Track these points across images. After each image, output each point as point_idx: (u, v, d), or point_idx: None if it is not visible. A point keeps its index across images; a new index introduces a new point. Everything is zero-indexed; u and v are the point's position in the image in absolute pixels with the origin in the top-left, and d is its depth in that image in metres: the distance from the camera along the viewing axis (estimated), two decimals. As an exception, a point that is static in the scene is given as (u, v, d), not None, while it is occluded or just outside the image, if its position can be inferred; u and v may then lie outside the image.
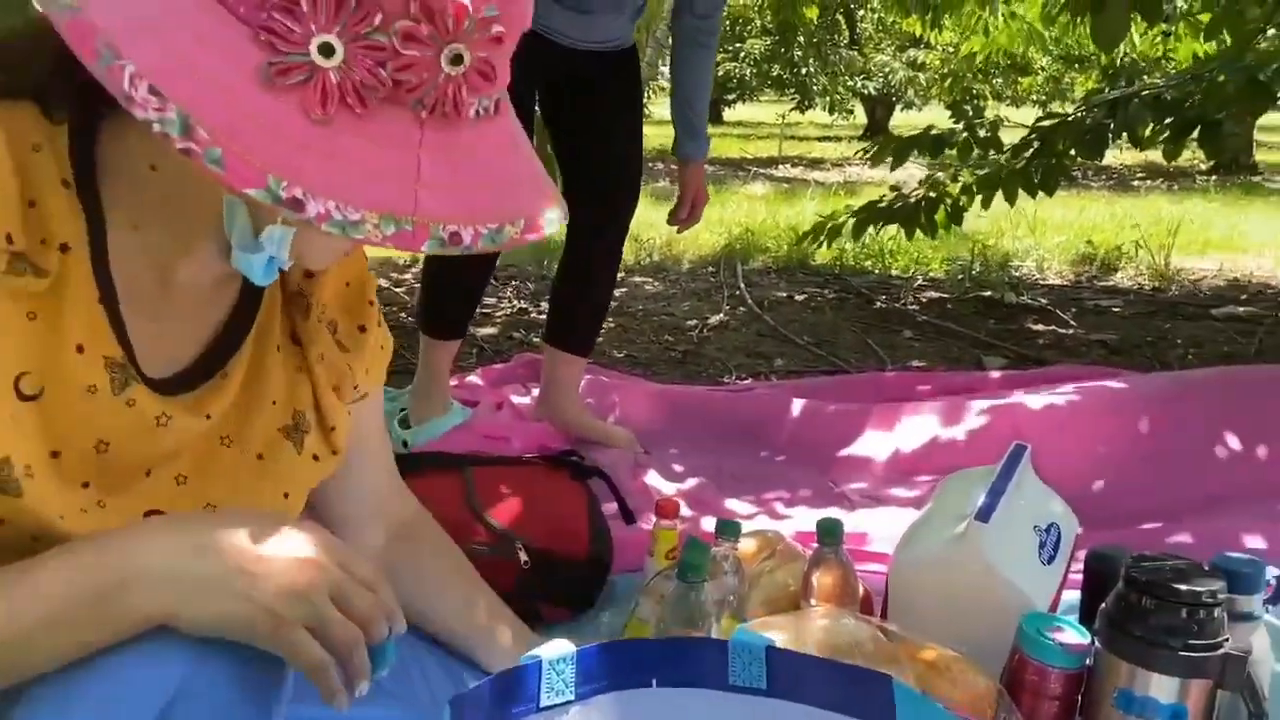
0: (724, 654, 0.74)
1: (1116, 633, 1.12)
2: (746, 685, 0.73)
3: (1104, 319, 3.65)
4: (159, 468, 0.80)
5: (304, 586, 0.67)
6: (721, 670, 0.74)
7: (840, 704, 0.70)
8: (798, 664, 0.73)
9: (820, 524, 1.38)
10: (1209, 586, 1.09)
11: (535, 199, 0.70)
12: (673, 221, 2.32)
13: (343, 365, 0.94)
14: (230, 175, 0.59)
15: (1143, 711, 1.10)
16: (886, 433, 2.32)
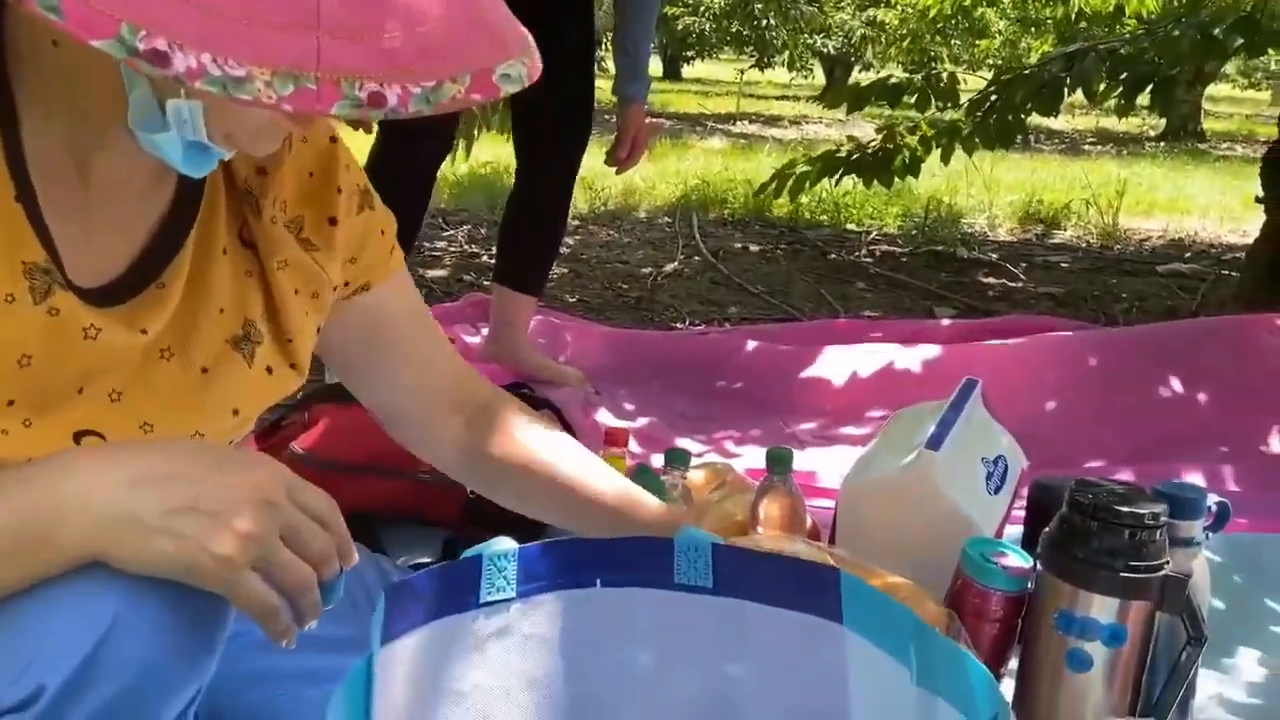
0: (669, 552, 0.72)
1: (1058, 554, 1.13)
2: (692, 584, 0.72)
3: (1052, 274, 3.70)
4: (91, 384, 0.74)
5: (252, 526, 0.61)
6: (667, 569, 0.72)
7: (787, 599, 0.69)
8: (744, 560, 0.72)
9: (770, 453, 1.37)
10: (1151, 509, 1.10)
11: (489, 48, 0.59)
12: (610, 161, 2.27)
13: (313, 267, 0.85)
14: (72, 22, 0.51)
15: (1082, 632, 1.11)
16: (837, 374, 2.33)
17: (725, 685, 0.71)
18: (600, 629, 0.72)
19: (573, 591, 0.72)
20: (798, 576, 0.69)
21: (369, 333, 0.96)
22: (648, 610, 0.72)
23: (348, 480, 1.43)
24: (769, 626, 0.69)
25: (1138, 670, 1.13)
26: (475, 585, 0.68)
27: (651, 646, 0.72)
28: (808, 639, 0.67)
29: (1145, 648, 1.12)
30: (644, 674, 0.72)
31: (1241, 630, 1.35)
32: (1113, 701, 1.12)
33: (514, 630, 0.71)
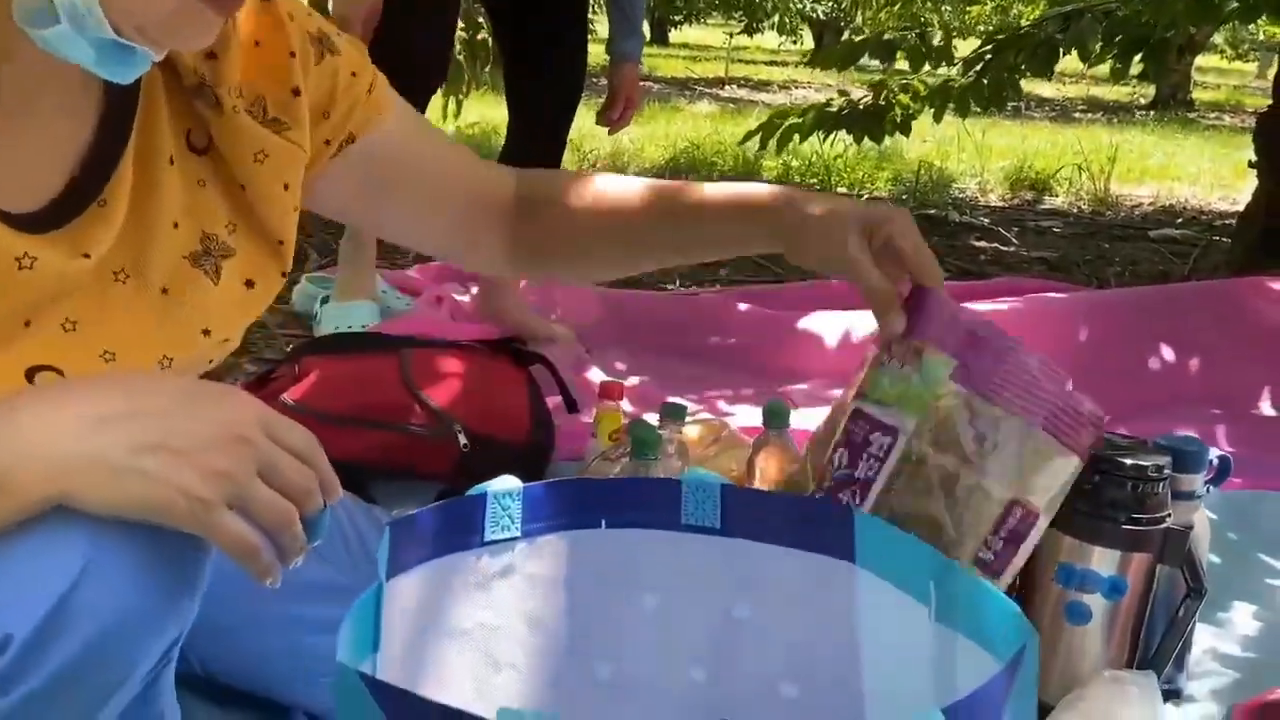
0: (677, 493, 0.71)
1: (1063, 507, 1.12)
2: (700, 524, 0.70)
3: (1044, 238, 3.69)
4: (39, 316, 0.69)
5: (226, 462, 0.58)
6: (674, 509, 0.71)
7: (798, 539, 0.68)
8: (753, 501, 0.70)
9: (768, 406, 1.36)
10: (1155, 461, 1.09)
11: None
12: (602, 121, 2.23)
13: (288, 149, 0.79)
14: None
15: (1083, 584, 1.11)
16: (829, 335, 2.31)
17: (732, 627, 0.70)
18: (605, 570, 0.70)
19: (578, 532, 0.71)
20: (809, 515, 0.67)
21: (373, 182, 0.88)
22: (654, 551, 0.70)
23: (338, 432, 1.41)
24: (777, 567, 0.68)
25: (1136, 622, 1.12)
26: (480, 523, 0.66)
27: (657, 588, 0.71)
28: (817, 578, 0.66)
29: (1145, 600, 1.12)
30: (650, 615, 0.71)
31: (1237, 585, 1.35)
32: (1111, 654, 1.12)
33: (518, 569, 0.70)
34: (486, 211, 0.95)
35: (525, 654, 0.69)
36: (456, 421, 1.42)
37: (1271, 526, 1.51)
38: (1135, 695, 1.04)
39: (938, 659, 0.58)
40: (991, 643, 0.54)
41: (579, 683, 0.72)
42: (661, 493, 0.71)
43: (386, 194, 0.91)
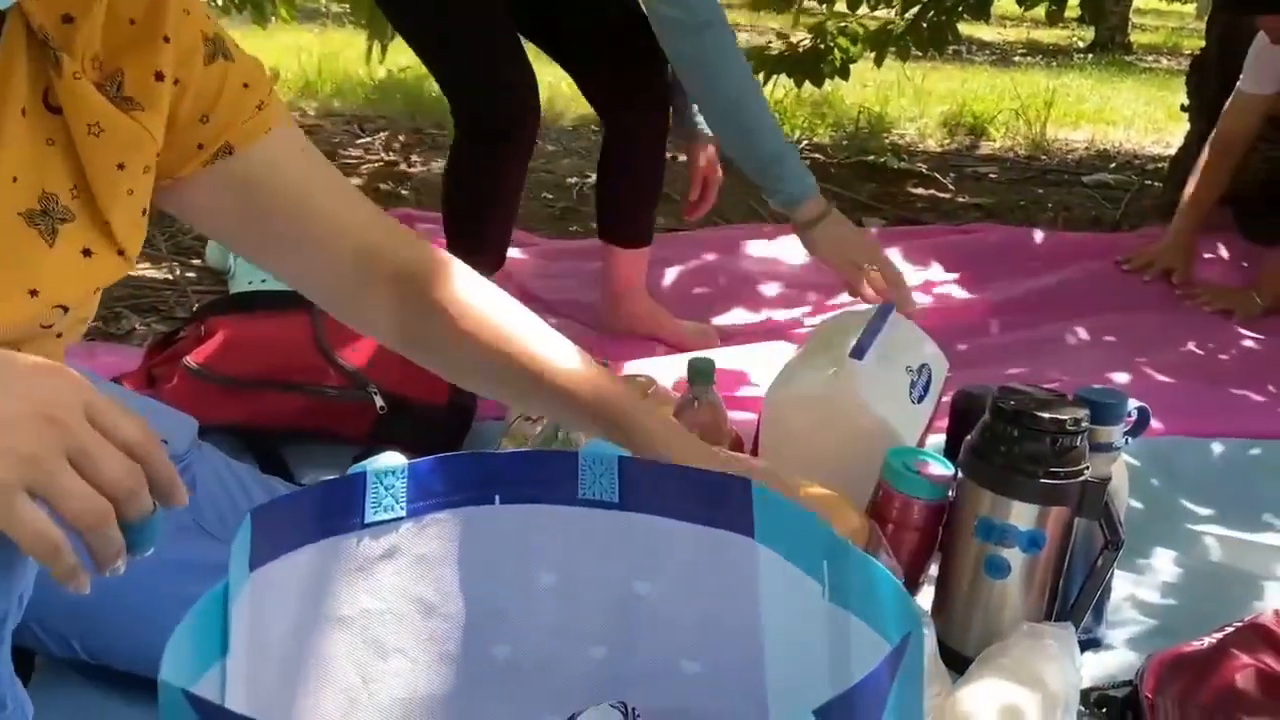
0: (573, 466, 0.67)
1: (979, 462, 1.12)
2: (597, 498, 0.67)
3: (981, 184, 3.69)
4: None
5: (30, 444, 0.52)
6: (571, 483, 0.68)
7: (697, 513, 0.65)
8: (652, 474, 0.67)
9: (691, 364, 1.33)
10: (1073, 415, 1.09)
11: None
12: (687, 213, 2.03)
13: (137, 131, 0.75)
14: None
15: (1001, 539, 1.11)
16: (767, 277, 2.30)
17: (633, 603, 0.67)
18: (500, 548, 0.67)
19: (469, 509, 0.67)
20: (708, 489, 0.65)
21: (251, 202, 0.84)
22: (550, 527, 0.67)
23: (247, 396, 1.35)
24: (678, 542, 0.65)
25: (1054, 575, 1.13)
26: (359, 504, 0.62)
27: (555, 565, 0.68)
28: (718, 554, 0.64)
29: (1063, 553, 1.12)
30: (547, 594, 0.68)
31: (1157, 531, 1.36)
32: (1030, 606, 1.12)
33: (404, 551, 0.66)
34: (376, 271, 0.88)
35: (415, 639, 0.66)
36: (372, 383, 1.37)
37: (1193, 472, 1.53)
38: (1053, 648, 1.05)
39: (833, 639, 0.56)
40: (883, 625, 0.52)
41: (475, 665, 0.69)
42: (557, 466, 0.68)
43: (266, 222, 0.85)
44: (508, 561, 0.67)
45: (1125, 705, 1.06)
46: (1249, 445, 1.57)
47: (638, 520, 0.66)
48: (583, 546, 0.67)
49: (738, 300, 2.21)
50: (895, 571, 1.16)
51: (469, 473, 0.67)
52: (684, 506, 0.65)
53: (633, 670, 0.68)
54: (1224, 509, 1.45)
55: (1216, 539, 1.36)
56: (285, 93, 4.39)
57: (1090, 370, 1.91)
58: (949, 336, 2.09)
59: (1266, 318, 2.15)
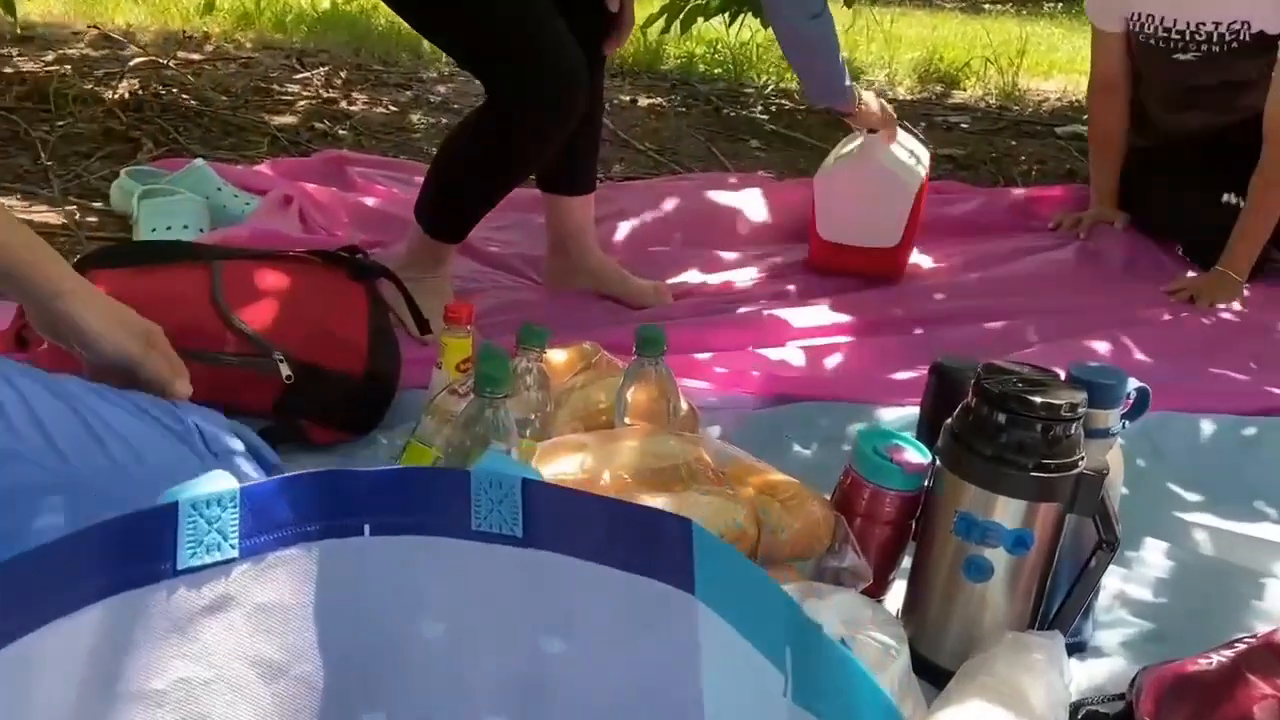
0: (464, 488, 0.53)
1: (961, 450, 0.98)
2: (495, 530, 0.53)
3: (951, 135, 3.54)
4: None
5: None
6: (462, 510, 0.53)
7: (621, 555, 0.50)
8: (564, 502, 0.53)
9: (640, 332, 1.18)
10: (1069, 399, 0.95)
11: None
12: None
13: None
14: None
15: (984, 538, 0.98)
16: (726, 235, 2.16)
17: (542, 665, 0.53)
18: (370, 592, 0.53)
19: (329, 542, 0.52)
20: (634, 525, 0.50)
21: None
22: (437, 566, 0.53)
23: (131, 363, 1.18)
24: (597, 589, 0.51)
25: (1041, 578, 1.00)
26: (168, 545, 0.47)
27: (443, 613, 0.53)
28: (648, 609, 0.49)
29: (1051, 553, 0.99)
30: (433, 649, 0.53)
31: (1146, 520, 1.25)
32: (1013, 613, 1.00)
33: (239, 601, 0.51)
34: None
35: (255, 712, 0.51)
36: (278, 349, 1.21)
37: (1180, 453, 1.41)
38: (1040, 663, 0.93)
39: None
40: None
41: None
42: (445, 488, 0.53)
43: None
44: (381, 609, 0.52)
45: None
46: (1241, 424, 1.46)
47: (546, 560, 0.52)
48: (478, 591, 0.52)
49: (695, 260, 2.06)
50: (864, 571, 1.03)
51: (327, 496, 0.52)
52: (604, 545, 0.51)
53: None
54: (1215, 494, 1.34)
55: (1209, 530, 1.25)
56: (221, 24, 4.12)
57: (1071, 332, 1.79)
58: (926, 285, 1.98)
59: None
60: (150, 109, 2.73)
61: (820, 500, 1.07)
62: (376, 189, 2.23)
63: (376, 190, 2.22)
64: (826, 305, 1.87)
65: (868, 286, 1.97)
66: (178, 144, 2.50)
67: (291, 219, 1.92)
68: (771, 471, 1.10)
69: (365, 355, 1.27)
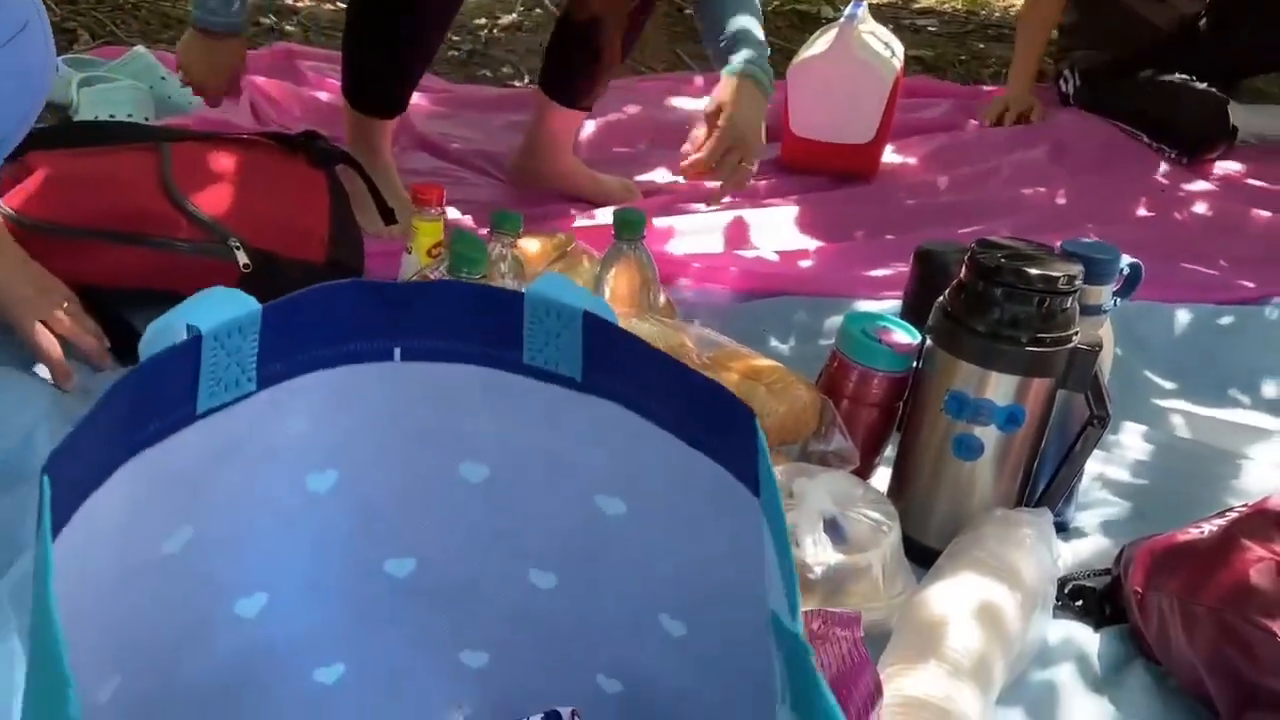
0: (516, 314, 0.46)
1: (954, 327, 0.96)
2: (551, 369, 0.47)
3: (920, 37, 3.48)
4: None
5: None
6: (512, 340, 0.47)
7: (689, 427, 0.44)
8: (634, 351, 0.45)
9: (618, 214, 1.14)
10: (1066, 271, 0.93)
11: None
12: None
13: None
14: None
15: (975, 415, 0.96)
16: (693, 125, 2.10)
17: (596, 525, 0.48)
18: (401, 427, 0.47)
19: (353, 368, 0.47)
20: (705, 397, 0.43)
21: None
22: (480, 401, 0.47)
23: (78, 248, 1.11)
24: (665, 456, 0.45)
25: (1030, 456, 0.99)
26: (190, 384, 0.42)
27: (486, 455, 0.48)
28: (715, 493, 0.43)
29: (1042, 430, 0.98)
30: (474, 497, 0.49)
31: (1125, 405, 1.24)
32: (1000, 491, 0.99)
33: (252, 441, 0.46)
34: None
35: (278, 558, 0.47)
36: (233, 235, 1.14)
37: (1159, 341, 1.41)
38: (1029, 538, 0.92)
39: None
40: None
41: (362, 587, 0.50)
42: (494, 311, 0.46)
43: None
44: (413, 445, 0.47)
45: (1103, 597, 0.95)
46: (1216, 313, 1.46)
47: (609, 411, 0.46)
48: (528, 435, 0.47)
49: (663, 159, 2.00)
50: (851, 454, 1.02)
51: (354, 314, 0.46)
52: (672, 410, 0.44)
53: (589, 614, 0.50)
54: (1190, 381, 1.34)
55: (1185, 415, 1.26)
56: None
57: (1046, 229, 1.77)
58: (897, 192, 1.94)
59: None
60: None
61: (806, 384, 1.04)
62: (329, 83, 2.12)
63: (329, 85, 2.12)
64: (800, 205, 1.83)
65: (842, 185, 1.93)
66: (115, 36, 2.36)
67: (242, 112, 1.82)
68: (756, 357, 1.07)
69: (327, 243, 1.21)
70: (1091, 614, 0.94)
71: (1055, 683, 0.85)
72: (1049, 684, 0.85)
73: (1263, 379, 1.35)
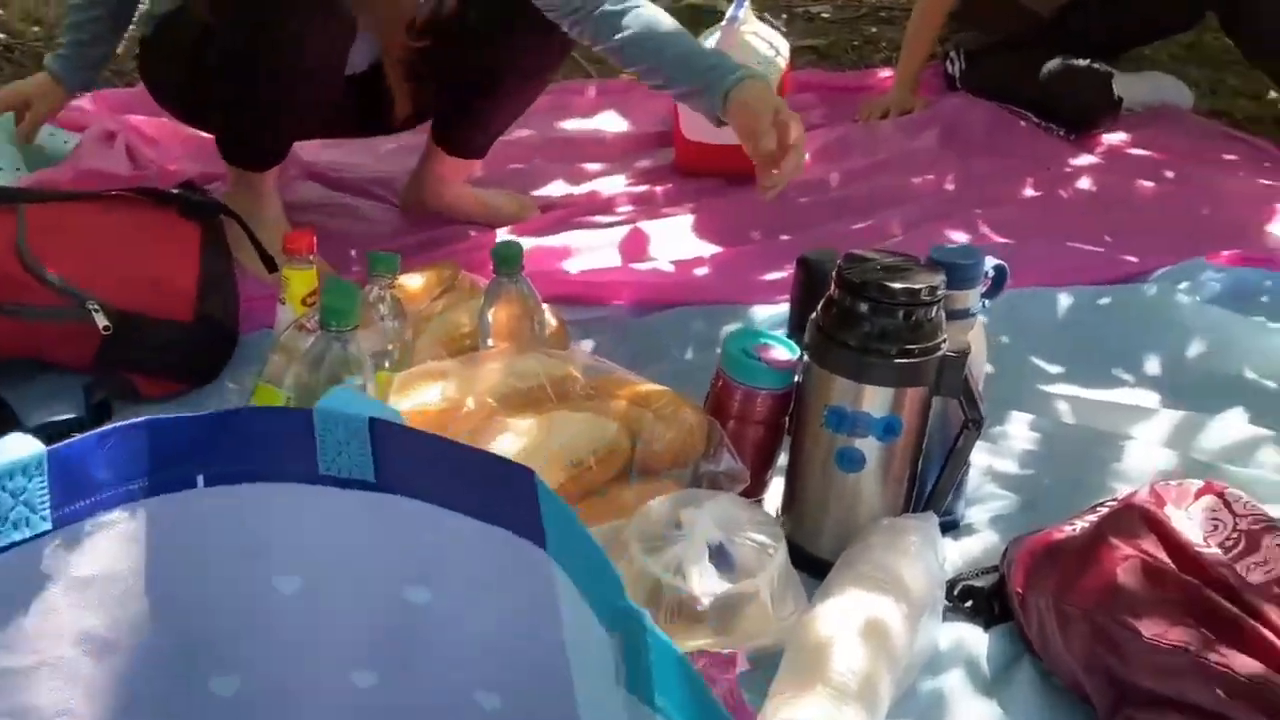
0: (307, 428, 0.48)
1: (826, 343, 0.98)
2: (345, 475, 0.48)
3: (813, 25, 3.51)
4: None
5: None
6: (306, 453, 0.49)
7: (474, 502, 0.47)
8: (417, 444, 0.48)
9: (495, 250, 1.13)
10: (928, 282, 0.95)
11: None
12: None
13: None
14: None
15: (854, 429, 0.98)
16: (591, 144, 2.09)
17: (407, 616, 0.49)
18: (212, 548, 0.48)
19: (157, 499, 0.47)
20: (485, 474, 0.46)
21: None
22: (284, 515, 0.48)
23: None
24: (456, 538, 0.47)
25: (913, 463, 1.01)
26: None
27: (296, 567, 0.49)
28: (506, 560, 0.46)
29: (920, 437, 1.00)
30: (289, 607, 0.49)
31: (1011, 395, 1.27)
32: (887, 499, 1.01)
33: (55, 578, 0.46)
34: None
35: (88, 692, 0.47)
36: (92, 297, 1.11)
37: (1042, 327, 1.44)
38: (915, 545, 0.94)
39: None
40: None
41: (188, 708, 0.50)
42: (285, 429, 0.48)
43: None
44: (227, 565, 0.48)
45: (991, 596, 0.97)
46: (1098, 294, 1.50)
47: (403, 505, 0.48)
48: (332, 540, 0.48)
49: (559, 172, 2.00)
50: (740, 474, 1.02)
51: (150, 448, 0.46)
52: (457, 491, 0.47)
53: (413, 702, 0.51)
54: (1076, 364, 1.37)
55: (1070, 400, 1.29)
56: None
57: (934, 217, 1.81)
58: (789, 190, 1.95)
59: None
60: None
61: (693, 407, 1.05)
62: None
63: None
64: (696, 211, 1.84)
65: (735, 187, 1.94)
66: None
67: (118, 156, 1.77)
68: (643, 382, 1.08)
69: (195, 299, 1.18)
70: (981, 613, 0.96)
71: (944, 690, 0.87)
72: (938, 692, 0.87)
73: (1144, 356, 1.39)
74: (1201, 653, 0.71)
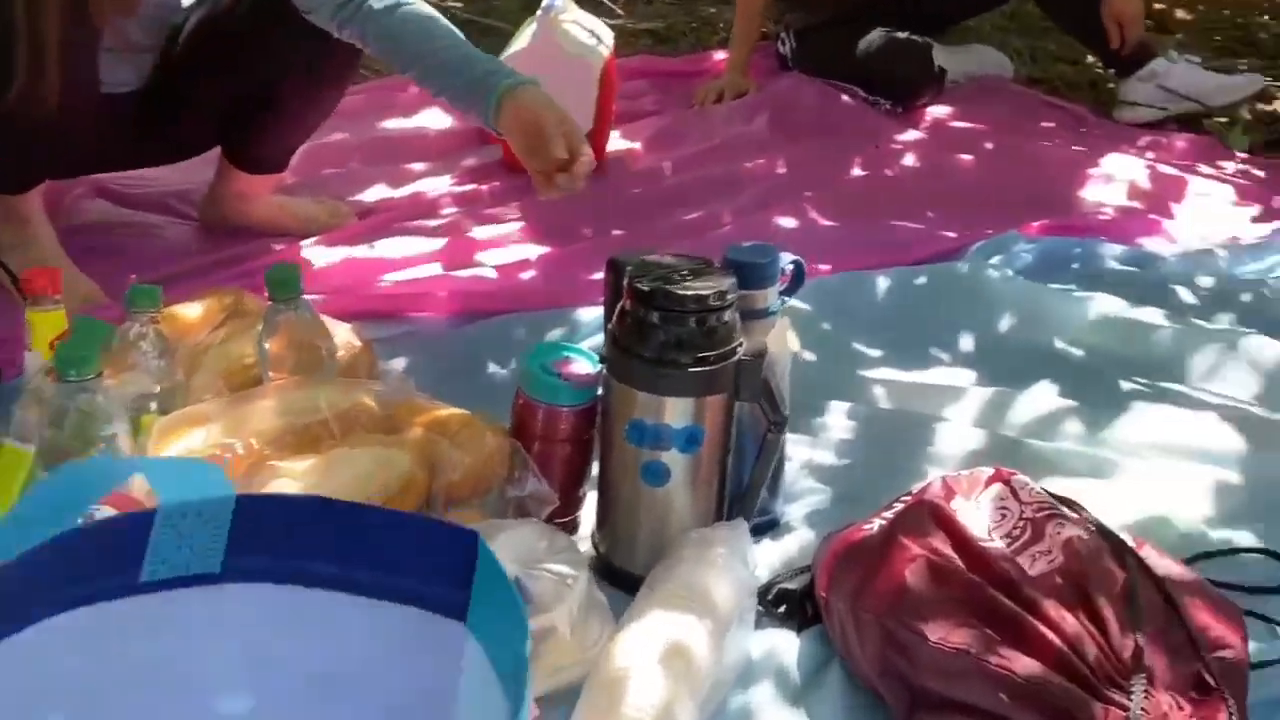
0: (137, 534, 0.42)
1: (621, 355, 0.94)
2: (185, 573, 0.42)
3: (652, 8, 3.48)
4: None
5: None
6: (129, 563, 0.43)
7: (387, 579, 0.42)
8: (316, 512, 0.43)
9: (269, 274, 1.05)
10: (716, 288, 0.92)
11: None
12: None
13: None
14: None
15: (656, 442, 0.95)
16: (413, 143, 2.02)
17: None
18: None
19: None
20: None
21: None
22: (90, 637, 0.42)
23: None
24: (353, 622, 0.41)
25: (720, 469, 0.99)
26: None
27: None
28: (413, 637, 0.41)
29: (725, 443, 0.98)
30: None
31: (830, 383, 1.27)
32: (697, 510, 0.98)
33: None
34: None
35: None
36: None
37: (866, 310, 1.45)
38: (722, 557, 0.92)
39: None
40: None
41: None
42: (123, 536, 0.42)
43: None
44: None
45: (804, 596, 0.95)
46: (914, 274, 1.51)
47: (256, 593, 0.42)
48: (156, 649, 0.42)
49: (380, 175, 1.91)
50: (548, 496, 0.98)
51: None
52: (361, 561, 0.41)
53: None
54: (894, 348, 1.38)
55: (886, 385, 1.29)
56: None
57: (762, 204, 1.80)
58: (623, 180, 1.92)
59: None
60: None
61: (495, 429, 1.00)
62: None
63: None
64: (523, 210, 1.78)
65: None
66: None
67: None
68: (442, 407, 1.02)
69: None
70: (794, 617, 0.95)
71: (752, 704, 0.85)
72: (746, 708, 0.85)
73: (959, 334, 1.41)
74: (983, 655, 0.71)
